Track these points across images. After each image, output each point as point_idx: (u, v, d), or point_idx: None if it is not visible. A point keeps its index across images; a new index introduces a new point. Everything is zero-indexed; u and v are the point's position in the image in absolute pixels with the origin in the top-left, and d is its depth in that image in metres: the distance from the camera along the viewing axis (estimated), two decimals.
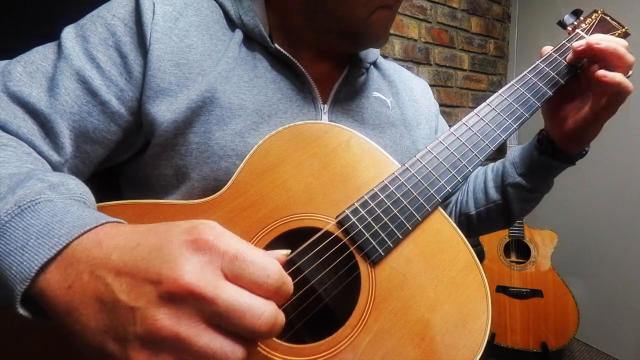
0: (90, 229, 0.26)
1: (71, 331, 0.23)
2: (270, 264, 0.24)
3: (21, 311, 0.24)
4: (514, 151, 0.61)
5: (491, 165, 0.65)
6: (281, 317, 0.24)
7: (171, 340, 0.21)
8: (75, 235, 0.25)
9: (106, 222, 0.27)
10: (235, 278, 0.23)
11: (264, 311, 0.23)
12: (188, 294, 0.22)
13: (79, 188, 0.31)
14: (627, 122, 1.75)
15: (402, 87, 0.61)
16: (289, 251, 0.28)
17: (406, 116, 0.59)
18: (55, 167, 0.41)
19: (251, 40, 0.49)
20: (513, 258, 1.79)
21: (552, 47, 0.54)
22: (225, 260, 0.23)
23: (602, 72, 0.48)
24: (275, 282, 0.24)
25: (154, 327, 0.21)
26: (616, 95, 0.48)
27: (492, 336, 1.66)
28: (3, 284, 0.24)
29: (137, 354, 0.21)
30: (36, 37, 0.44)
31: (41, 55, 0.42)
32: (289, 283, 0.25)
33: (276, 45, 0.48)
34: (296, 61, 0.49)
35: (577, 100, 0.53)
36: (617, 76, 0.47)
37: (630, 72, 0.50)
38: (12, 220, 0.25)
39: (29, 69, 0.40)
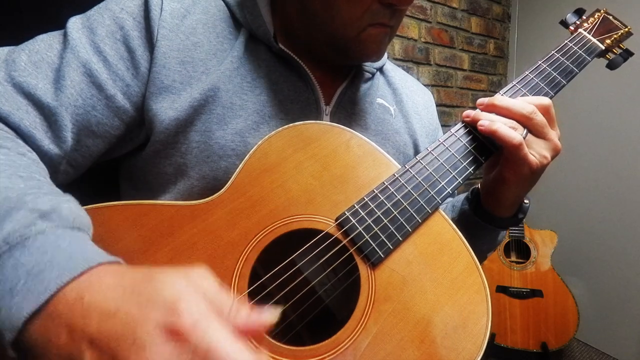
0: (77, 276, 0.25)
1: None
2: None
3: (11, 353, 0.24)
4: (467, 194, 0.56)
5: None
6: None
7: None
8: (63, 282, 0.24)
9: (96, 265, 0.26)
10: None
11: None
12: None
13: (72, 212, 0.30)
14: (626, 122, 1.75)
15: (405, 98, 0.60)
16: (279, 311, 0.26)
17: (410, 125, 0.58)
18: (54, 161, 0.40)
19: (256, 40, 0.48)
20: (513, 258, 1.79)
21: (486, 99, 0.48)
22: (195, 356, 0.22)
23: (482, 121, 0.44)
24: None
25: None
26: (507, 151, 0.43)
27: (492, 336, 1.66)
28: None
29: None
30: (36, 28, 0.43)
31: (46, 44, 0.41)
32: None
33: (280, 45, 0.48)
34: (300, 61, 0.48)
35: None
36: (493, 125, 0.43)
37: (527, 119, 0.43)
38: (0, 258, 0.25)
39: (34, 59, 0.39)
